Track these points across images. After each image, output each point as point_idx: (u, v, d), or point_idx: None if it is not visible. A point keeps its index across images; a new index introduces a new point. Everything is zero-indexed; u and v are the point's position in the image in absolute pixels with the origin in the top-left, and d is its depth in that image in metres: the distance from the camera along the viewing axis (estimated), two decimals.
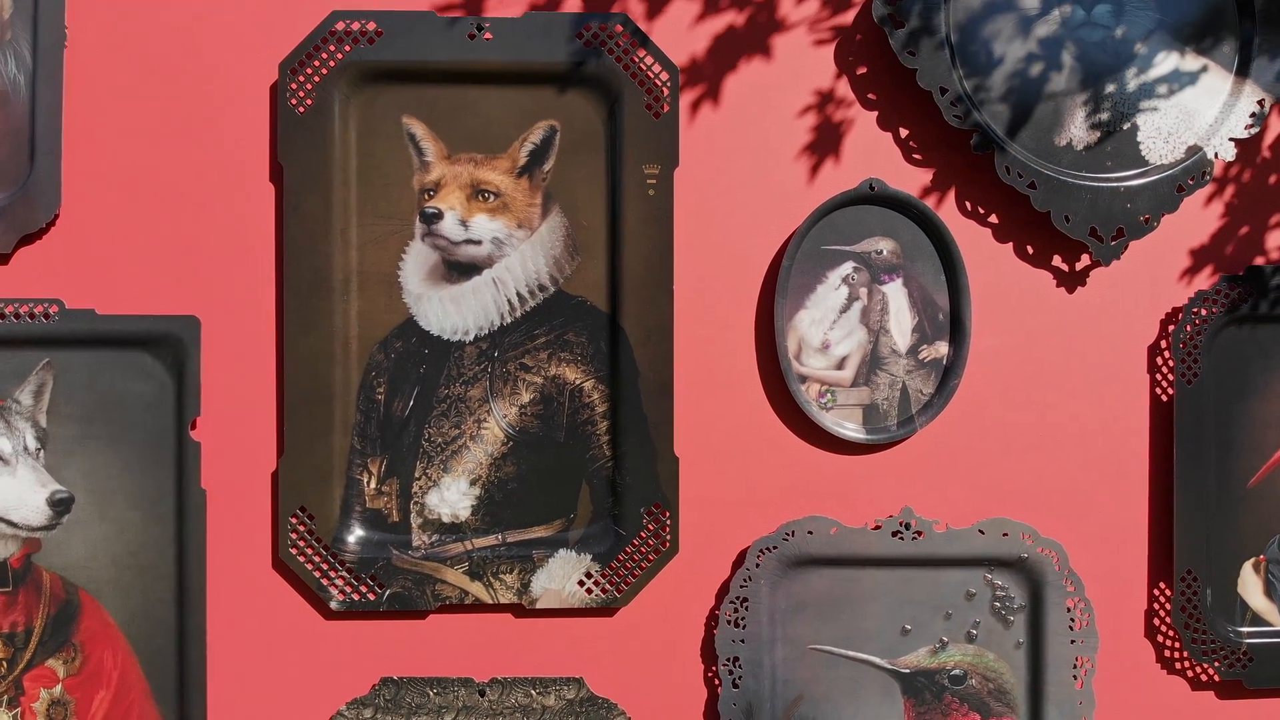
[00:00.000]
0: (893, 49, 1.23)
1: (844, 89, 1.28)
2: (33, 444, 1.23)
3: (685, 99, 1.26)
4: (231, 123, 1.24)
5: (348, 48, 1.22)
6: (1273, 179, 1.31)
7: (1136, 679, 1.31)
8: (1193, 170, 1.27)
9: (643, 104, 1.24)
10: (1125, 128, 1.27)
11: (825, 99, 1.28)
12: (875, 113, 1.28)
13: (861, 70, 1.28)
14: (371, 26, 1.22)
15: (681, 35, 1.27)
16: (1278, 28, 1.27)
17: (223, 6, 1.23)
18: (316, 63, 1.22)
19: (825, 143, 1.28)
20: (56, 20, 1.22)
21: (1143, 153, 1.27)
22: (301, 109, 1.22)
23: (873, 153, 1.28)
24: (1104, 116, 1.27)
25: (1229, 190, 1.30)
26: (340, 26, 1.22)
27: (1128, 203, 1.26)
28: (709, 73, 1.27)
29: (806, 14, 1.27)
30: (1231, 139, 1.27)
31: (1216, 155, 1.27)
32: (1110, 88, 1.27)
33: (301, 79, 1.22)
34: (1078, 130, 1.26)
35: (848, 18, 1.28)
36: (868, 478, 1.28)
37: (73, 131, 1.23)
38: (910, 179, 1.28)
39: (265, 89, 1.24)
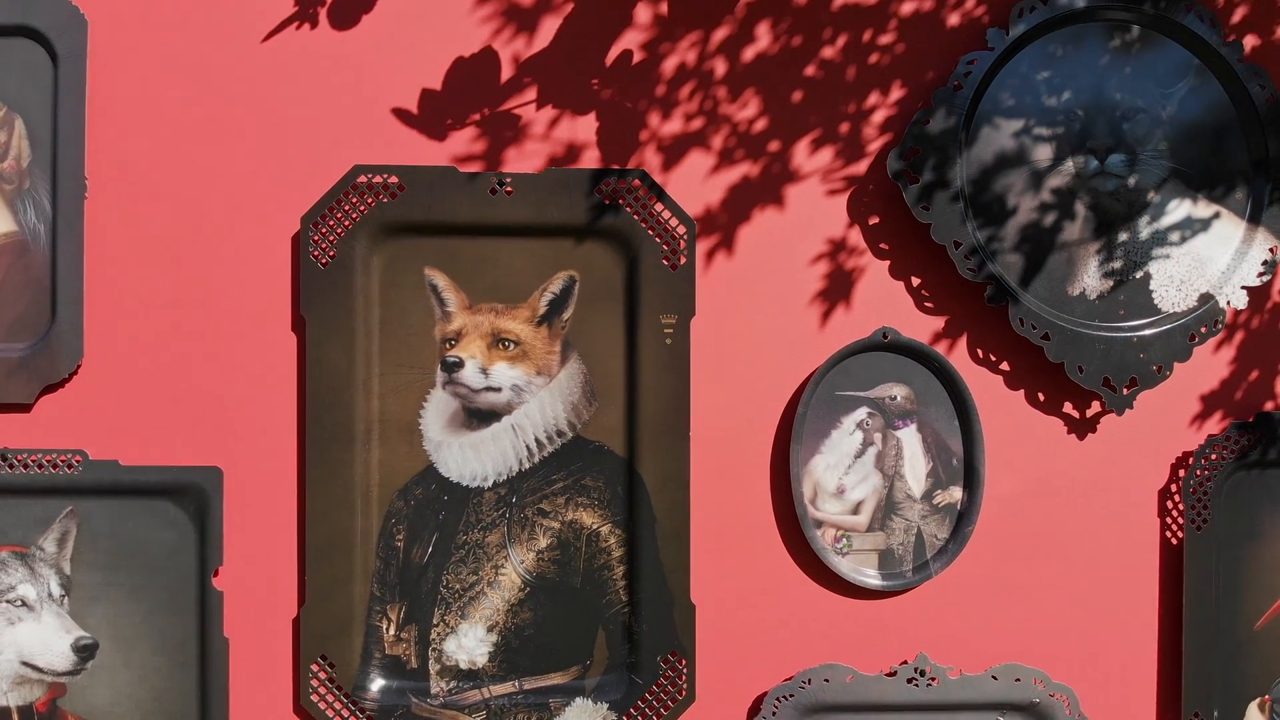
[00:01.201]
0: (906, 203, 1.25)
1: (856, 238, 1.29)
2: (57, 590, 1.25)
3: (701, 247, 1.28)
4: (254, 273, 1.25)
5: (370, 201, 1.24)
6: None
7: None
8: (1205, 319, 1.28)
9: (660, 256, 1.25)
10: (1138, 276, 1.28)
11: (838, 247, 1.29)
12: (888, 261, 1.29)
13: (874, 220, 1.29)
14: (393, 181, 1.24)
15: (697, 186, 1.28)
16: None
17: (245, 158, 1.25)
18: (339, 215, 1.23)
19: (838, 290, 1.29)
20: (76, 170, 1.24)
21: (1155, 301, 1.29)
22: (324, 262, 1.24)
23: (885, 300, 1.29)
24: (1117, 265, 1.28)
25: (1239, 335, 1.32)
26: (362, 180, 1.24)
27: (1141, 352, 1.27)
28: (724, 222, 1.29)
29: (819, 165, 1.29)
30: (1244, 287, 1.29)
31: (1229, 303, 1.28)
32: (1123, 236, 1.28)
33: (324, 232, 1.23)
34: (1091, 279, 1.28)
35: (860, 168, 1.29)
36: (883, 623, 1.29)
37: (94, 281, 1.25)
38: (923, 326, 1.29)
39: (287, 240, 1.25)
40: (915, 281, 1.29)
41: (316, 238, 1.23)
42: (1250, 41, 1.31)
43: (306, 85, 1.25)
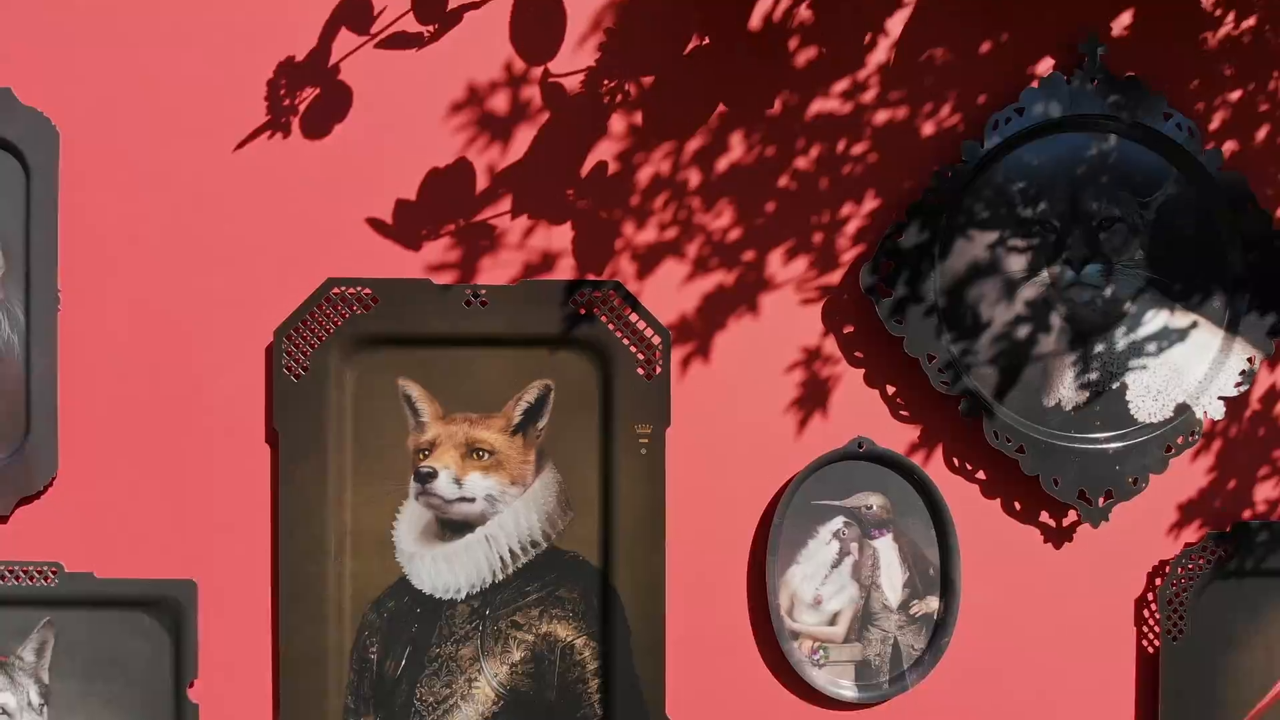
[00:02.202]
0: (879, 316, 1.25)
1: (831, 346, 1.29)
2: (36, 699, 1.25)
3: (677, 355, 1.28)
4: (227, 385, 1.25)
5: (344, 313, 1.24)
6: (1261, 431, 1.32)
7: None
8: (1182, 429, 1.28)
9: (635, 366, 1.25)
10: (1114, 387, 1.28)
11: (813, 355, 1.29)
12: (862, 370, 1.29)
13: (848, 329, 1.29)
14: (367, 293, 1.24)
15: (672, 294, 1.28)
16: (1268, 284, 1.28)
17: (218, 269, 1.25)
18: (312, 328, 1.23)
19: (813, 398, 1.29)
20: (49, 283, 1.24)
21: (1132, 412, 1.28)
22: (296, 376, 1.24)
23: (860, 408, 1.29)
24: (1093, 376, 1.28)
25: (1216, 444, 1.31)
26: (336, 292, 1.24)
27: (1116, 465, 1.27)
28: (699, 329, 1.28)
29: (794, 274, 1.29)
30: (1221, 397, 1.28)
31: (1206, 414, 1.28)
32: (1100, 347, 1.28)
33: (297, 344, 1.23)
34: (1066, 391, 1.28)
35: (834, 278, 1.29)
36: None
37: (68, 393, 1.25)
38: (898, 435, 1.29)
39: (261, 351, 1.25)
40: (890, 390, 1.29)
41: (290, 350, 1.23)
42: (1230, 147, 1.31)
43: (279, 195, 1.25)
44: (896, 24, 1.28)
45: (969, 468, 1.30)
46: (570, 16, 1.26)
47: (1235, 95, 1.31)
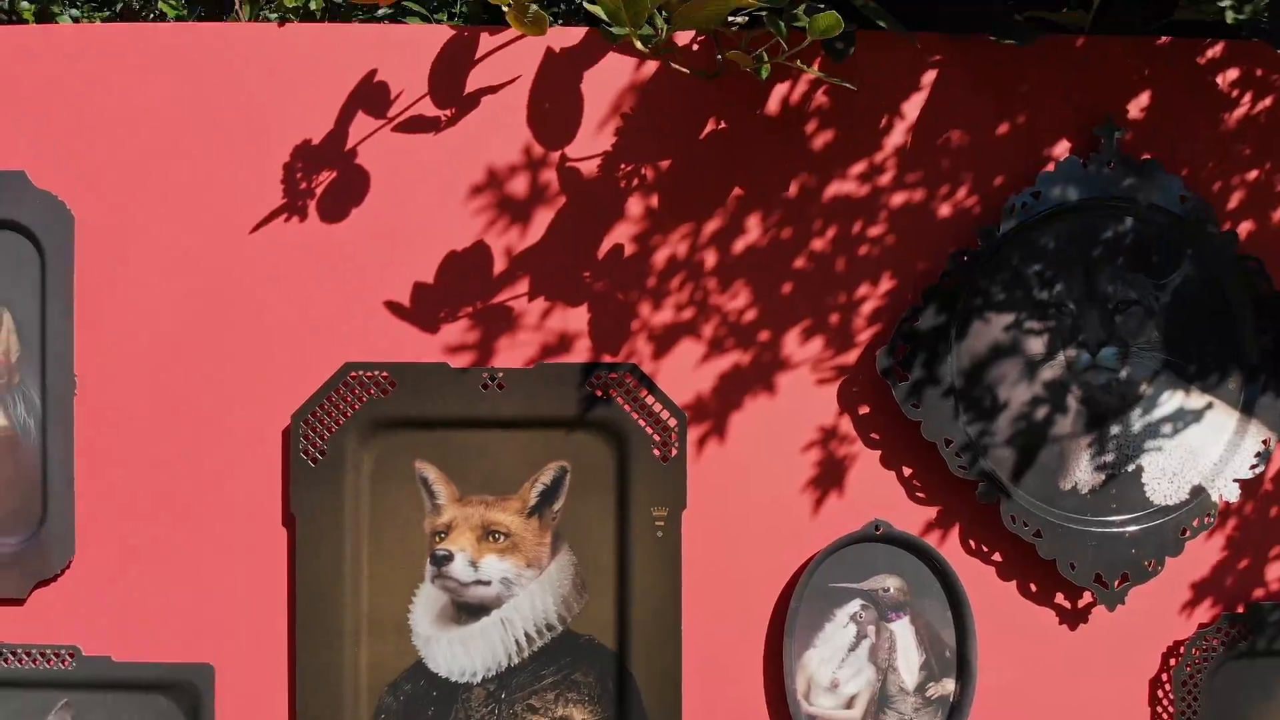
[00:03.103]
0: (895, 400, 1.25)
1: (847, 426, 1.29)
2: None
3: (693, 434, 1.28)
4: (244, 469, 1.25)
5: (361, 398, 1.24)
6: (1274, 511, 1.32)
7: None
8: (1197, 512, 1.28)
9: (651, 449, 1.25)
10: (1130, 469, 1.28)
11: (829, 435, 1.29)
12: (878, 451, 1.29)
13: (864, 410, 1.29)
14: (384, 377, 1.24)
15: (688, 374, 1.28)
16: None
17: (235, 353, 1.25)
18: (330, 412, 1.23)
19: (830, 478, 1.29)
20: (65, 366, 1.24)
21: (1147, 494, 1.28)
22: (314, 461, 1.23)
23: (877, 489, 1.29)
24: (1109, 459, 1.28)
25: (1231, 524, 1.32)
26: (353, 376, 1.23)
27: (1133, 548, 1.27)
28: (715, 409, 1.28)
29: (810, 354, 1.29)
30: (1236, 479, 1.28)
31: (1221, 496, 1.28)
32: (1115, 429, 1.28)
33: (315, 428, 1.23)
34: (1083, 474, 1.28)
35: (850, 358, 1.29)
36: None
37: (85, 476, 1.25)
38: (914, 516, 1.29)
39: (278, 435, 1.25)
40: (907, 471, 1.29)
41: (307, 435, 1.23)
42: (1246, 227, 1.31)
43: (296, 279, 1.25)
44: (913, 107, 1.28)
45: (985, 550, 1.30)
46: (588, 100, 1.26)
47: (1253, 175, 1.31)
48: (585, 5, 1.09)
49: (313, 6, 1.25)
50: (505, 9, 1.14)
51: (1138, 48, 1.29)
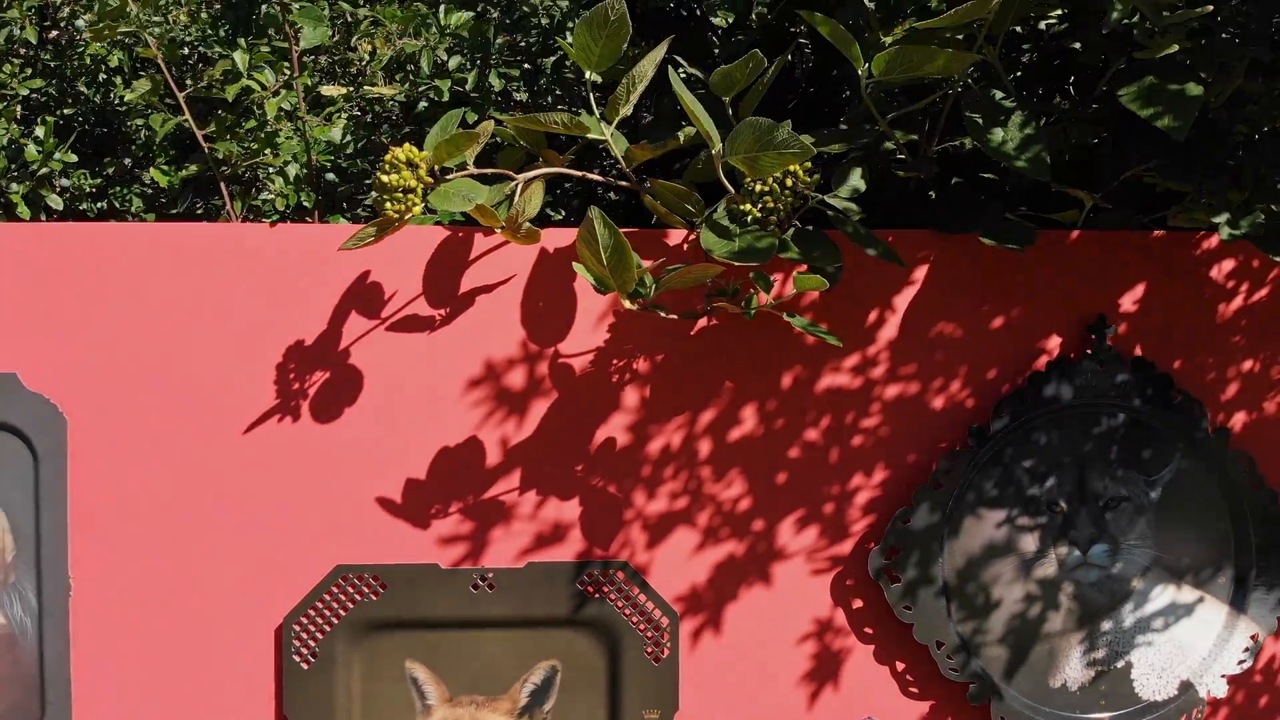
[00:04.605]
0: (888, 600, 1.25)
1: (841, 619, 1.29)
2: None
3: (687, 627, 1.28)
4: (236, 670, 1.25)
5: (353, 600, 1.24)
6: (1263, 701, 1.32)
7: None
8: (1184, 708, 1.29)
9: (643, 649, 1.25)
10: (1120, 665, 1.29)
11: (824, 628, 1.29)
12: (872, 646, 1.30)
13: (857, 604, 1.29)
14: (375, 580, 1.24)
15: (682, 564, 1.28)
16: (1274, 561, 1.29)
17: (227, 555, 1.24)
18: (321, 615, 1.23)
19: (823, 672, 1.29)
20: (59, 567, 1.23)
21: (1136, 690, 1.29)
22: (306, 663, 1.23)
23: (870, 683, 1.30)
24: (1099, 655, 1.28)
25: (1222, 713, 1.32)
26: (345, 579, 1.23)
27: None
28: (709, 600, 1.29)
29: (804, 544, 1.29)
30: (1224, 675, 1.29)
31: (1209, 692, 1.29)
32: (1106, 625, 1.28)
33: (307, 631, 1.23)
34: (1073, 670, 1.28)
35: (845, 548, 1.29)
36: None
37: (82, 675, 1.24)
38: (908, 713, 1.30)
39: (270, 635, 1.25)
40: (900, 667, 1.30)
41: (299, 638, 1.23)
42: (1239, 419, 1.32)
43: (288, 479, 1.25)
44: (905, 301, 1.28)
45: None
46: (581, 296, 1.25)
47: (1246, 366, 1.31)
48: (575, 268, 1.09)
49: (305, 203, 1.25)
50: (499, 230, 1.15)
51: (1131, 242, 1.30)
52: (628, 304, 1.08)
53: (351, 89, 1.57)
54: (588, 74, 1.12)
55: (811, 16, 1.09)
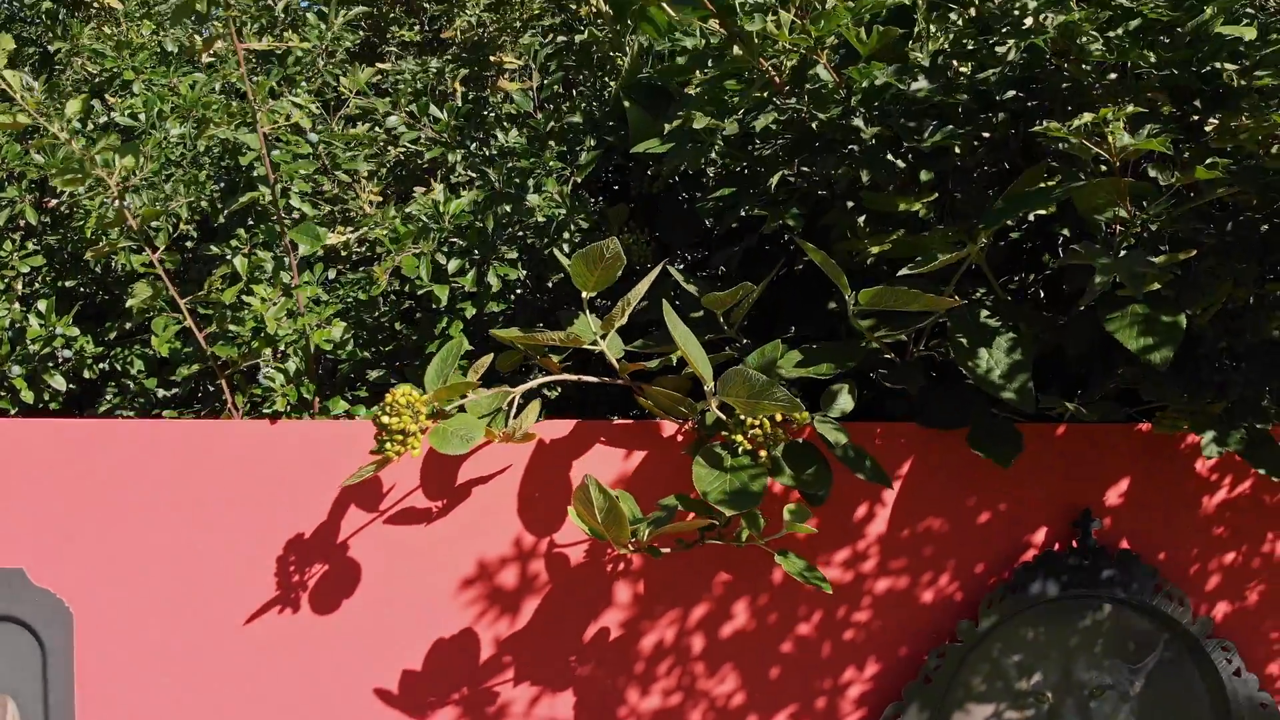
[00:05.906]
0: None
1: None
2: None
3: None
4: None
5: None
6: None
7: None
8: None
9: None
10: None
11: None
12: None
13: None
14: None
15: None
16: None
17: None
18: None
19: None
20: None
21: None
22: None
23: None
24: None
25: None
26: None
27: None
28: None
29: None
30: None
31: None
32: None
33: None
34: None
35: None
36: None
37: None
38: None
39: None
40: None
41: None
42: (1222, 609, 1.34)
43: (288, 669, 1.27)
44: (894, 494, 1.30)
45: None
46: (576, 484, 1.28)
47: (1229, 557, 1.34)
48: (571, 517, 1.12)
49: (305, 394, 1.27)
50: (495, 439, 1.17)
51: (1117, 435, 1.32)
52: (622, 550, 1.11)
53: (352, 233, 1.60)
54: (584, 294, 1.15)
55: (804, 245, 1.12)
